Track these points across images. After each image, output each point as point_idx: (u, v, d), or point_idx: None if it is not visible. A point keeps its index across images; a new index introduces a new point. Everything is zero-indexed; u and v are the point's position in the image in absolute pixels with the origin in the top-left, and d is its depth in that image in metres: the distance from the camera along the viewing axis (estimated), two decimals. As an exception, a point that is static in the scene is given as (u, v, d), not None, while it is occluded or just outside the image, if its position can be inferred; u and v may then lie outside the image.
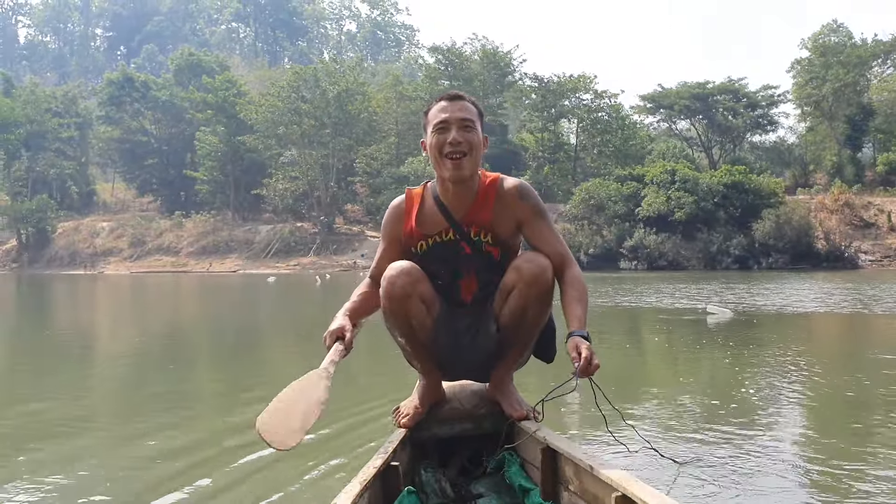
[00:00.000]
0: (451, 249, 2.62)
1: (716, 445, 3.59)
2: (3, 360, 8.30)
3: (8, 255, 59.73)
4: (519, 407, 2.64)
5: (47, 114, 62.77)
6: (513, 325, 2.59)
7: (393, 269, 2.53)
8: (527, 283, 2.52)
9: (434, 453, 2.71)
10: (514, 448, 2.57)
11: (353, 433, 3.89)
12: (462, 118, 2.54)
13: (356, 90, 52.91)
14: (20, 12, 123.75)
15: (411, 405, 2.69)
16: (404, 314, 2.54)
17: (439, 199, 2.64)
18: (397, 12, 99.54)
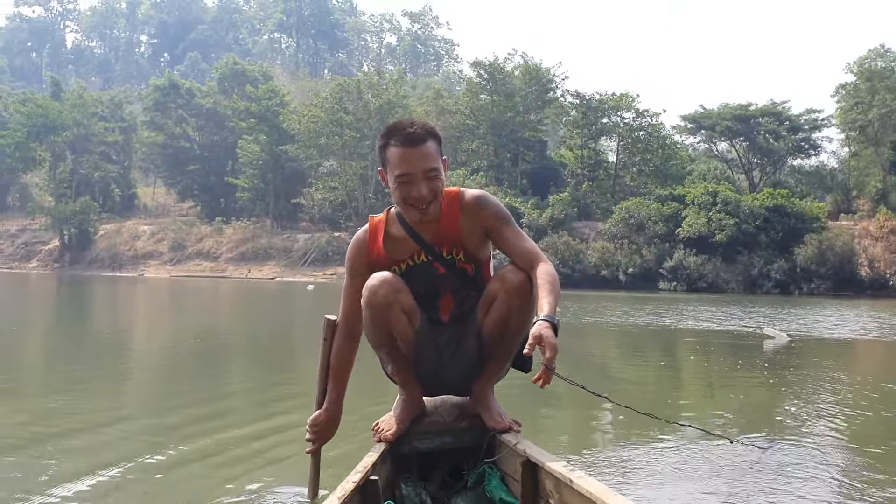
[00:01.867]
0: (425, 271, 2.62)
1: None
2: (42, 357, 8.60)
3: (50, 256, 60.80)
4: (500, 419, 2.63)
5: (94, 118, 63.99)
6: (496, 334, 2.60)
7: (374, 279, 2.53)
8: (509, 293, 2.54)
9: (414, 467, 2.69)
10: (495, 461, 2.57)
11: (330, 447, 3.86)
12: (426, 169, 2.47)
13: (397, 103, 53.33)
14: (68, 18, 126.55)
15: (391, 420, 2.67)
16: (386, 324, 2.55)
17: (406, 222, 2.62)
18: (438, 26, 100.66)
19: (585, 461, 3.68)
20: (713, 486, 3.32)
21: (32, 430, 4.17)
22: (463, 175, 48.48)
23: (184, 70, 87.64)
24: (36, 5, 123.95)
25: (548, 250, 42.59)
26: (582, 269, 42.06)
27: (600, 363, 9.33)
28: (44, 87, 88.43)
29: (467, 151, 55.70)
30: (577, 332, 13.50)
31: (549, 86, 54.51)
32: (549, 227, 45.12)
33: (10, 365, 7.47)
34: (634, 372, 8.40)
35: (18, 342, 10.10)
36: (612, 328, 14.40)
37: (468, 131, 55.32)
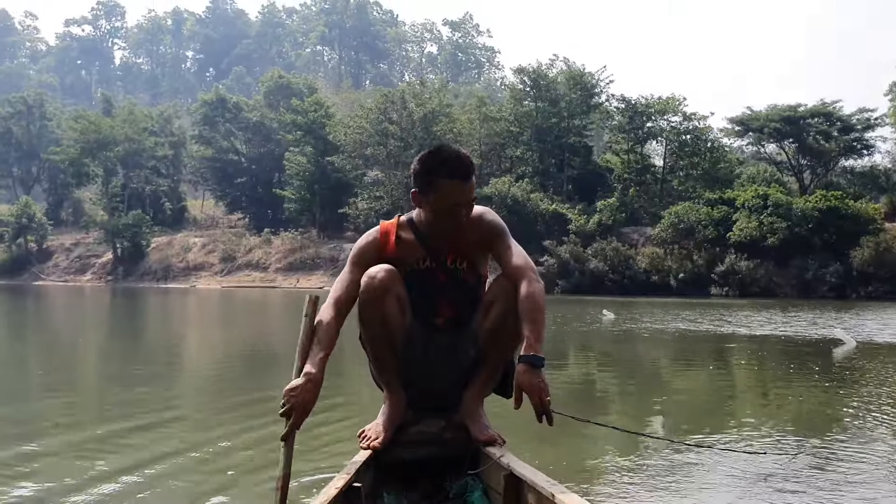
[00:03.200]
0: (426, 277, 2.72)
1: None
2: (101, 367, 8.94)
3: (104, 268, 62.14)
4: (486, 431, 2.65)
5: (144, 133, 65.40)
6: (492, 337, 2.67)
7: (374, 268, 2.64)
8: (507, 296, 2.60)
9: (398, 476, 2.69)
10: (478, 474, 2.56)
11: (316, 453, 3.96)
12: (472, 199, 2.68)
13: (441, 112, 53.55)
14: (116, 35, 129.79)
15: (378, 427, 2.69)
16: (380, 310, 2.62)
17: (417, 229, 2.75)
18: (478, 34, 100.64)
19: (569, 477, 3.66)
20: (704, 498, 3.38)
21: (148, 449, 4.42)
22: (508, 182, 48.42)
23: (229, 84, 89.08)
24: (85, 24, 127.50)
25: (596, 256, 42.39)
26: (632, 275, 41.72)
27: (651, 370, 9.29)
28: (94, 104, 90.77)
29: (511, 158, 55.66)
30: (628, 340, 13.42)
31: (593, 90, 54.24)
32: (597, 233, 44.85)
33: (83, 374, 7.74)
34: (685, 379, 8.36)
35: (86, 353, 10.44)
36: (663, 335, 14.27)
37: (512, 138, 55.27)
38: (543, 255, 43.90)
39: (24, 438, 4.39)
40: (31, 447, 4.21)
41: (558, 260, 42.71)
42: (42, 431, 4.73)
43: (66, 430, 4.79)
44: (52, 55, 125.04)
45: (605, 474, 3.79)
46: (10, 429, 4.77)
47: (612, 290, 39.63)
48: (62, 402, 6.03)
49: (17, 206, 63.92)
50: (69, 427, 4.91)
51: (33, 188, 75.76)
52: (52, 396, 6.32)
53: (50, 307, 27.47)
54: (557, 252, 42.93)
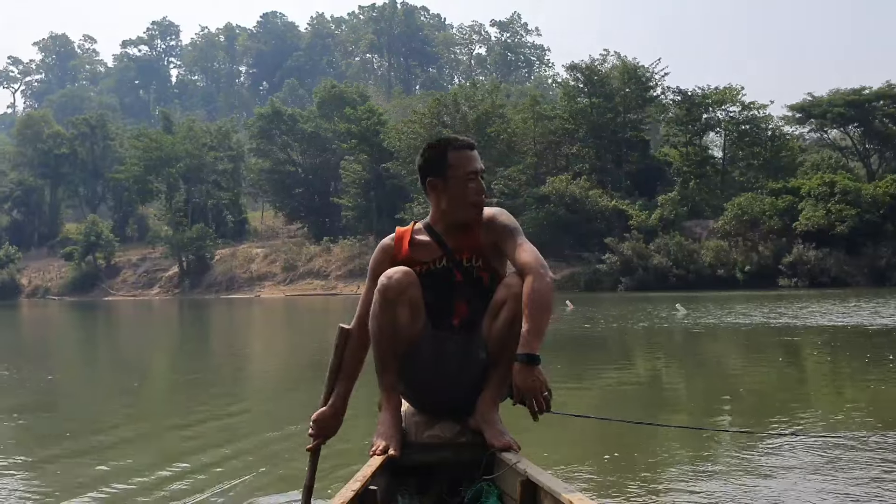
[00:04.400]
0: (442, 276, 2.71)
1: None
2: (175, 374, 9.46)
3: (170, 282, 63.67)
4: (502, 436, 2.61)
5: (204, 148, 66.86)
6: (501, 340, 2.61)
7: (391, 270, 2.64)
8: (515, 298, 2.56)
9: (412, 480, 2.67)
10: (493, 479, 2.53)
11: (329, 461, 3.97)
12: (482, 168, 2.73)
13: (494, 112, 53.49)
14: (171, 54, 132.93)
15: (386, 435, 2.65)
16: (393, 312, 2.60)
17: (432, 229, 2.76)
18: (527, 33, 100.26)
19: (585, 481, 3.73)
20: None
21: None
22: (566, 180, 48.08)
23: (282, 96, 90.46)
24: (141, 44, 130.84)
25: (659, 252, 41.81)
26: (696, 270, 41.06)
27: (719, 365, 9.17)
28: (153, 122, 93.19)
29: (567, 156, 55.31)
30: (695, 335, 13.24)
31: (648, 84, 53.56)
32: (659, 228, 44.24)
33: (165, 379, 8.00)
34: (755, 373, 8.23)
35: (167, 361, 10.76)
36: (731, 328, 14.06)
37: (567, 135, 54.91)
38: (605, 253, 43.47)
39: (122, 426, 5.81)
40: (130, 433, 5.60)
41: (621, 257, 42.25)
42: (130, 423, 6.07)
43: (156, 419, 6.27)
44: (111, 76, 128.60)
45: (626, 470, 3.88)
46: (112, 418, 6.14)
47: (676, 286, 39.03)
48: (152, 399, 7.53)
49: (85, 225, 65.95)
50: (158, 417, 6.40)
51: (99, 206, 78.19)
52: (135, 396, 7.70)
53: (123, 321, 28.53)
54: (619, 249, 42.47)
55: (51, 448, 5.02)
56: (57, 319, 31.70)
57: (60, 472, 4.35)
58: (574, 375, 8.42)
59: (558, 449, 4.30)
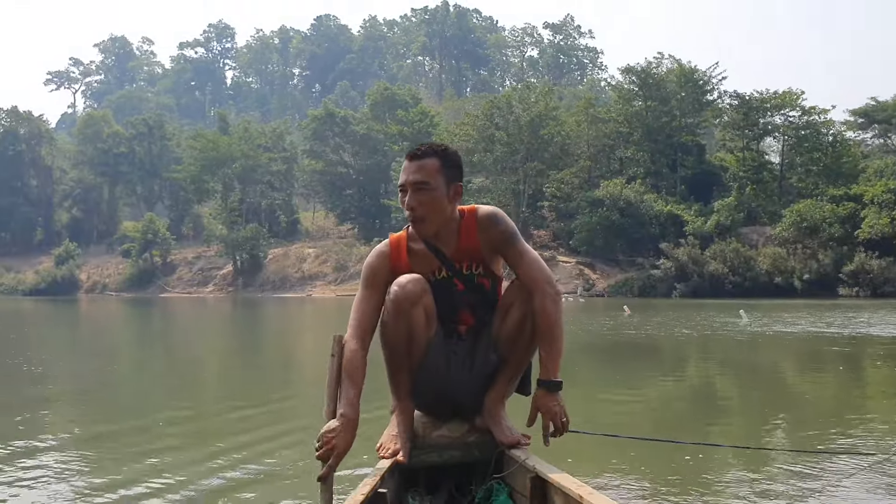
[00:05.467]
0: (443, 287, 2.65)
1: None
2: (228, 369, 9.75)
3: (225, 280, 64.75)
4: (510, 433, 2.61)
5: (259, 149, 67.84)
6: (510, 340, 2.61)
7: (405, 277, 2.56)
8: (524, 299, 2.56)
9: (422, 480, 2.66)
10: (503, 477, 2.52)
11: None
12: (416, 181, 2.57)
13: (547, 115, 53.27)
14: (227, 56, 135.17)
15: (395, 438, 2.61)
16: (408, 321, 2.54)
17: (427, 239, 2.66)
18: (580, 35, 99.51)
19: (597, 478, 3.75)
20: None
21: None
22: (620, 184, 47.67)
23: (335, 99, 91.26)
24: (198, 46, 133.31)
25: (715, 258, 41.17)
26: (753, 277, 40.33)
27: (774, 375, 9.01)
28: (208, 123, 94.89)
29: (621, 159, 54.86)
30: (751, 344, 13.00)
31: (705, 88, 52.84)
32: (715, 233, 43.58)
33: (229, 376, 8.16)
34: (812, 384, 8.06)
35: (220, 357, 10.98)
36: (788, 338, 13.77)
37: (621, 139, 54.50)
38: (660, 259, 42.98)
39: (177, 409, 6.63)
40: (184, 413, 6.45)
41: (675, 263, 41.72)
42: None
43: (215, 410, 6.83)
44: (168, 77, 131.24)
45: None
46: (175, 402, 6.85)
47: (732, 293, 38.41)
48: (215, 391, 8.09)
49: (143, 223, 67.44)
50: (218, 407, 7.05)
51: (156, 205, 79.84)
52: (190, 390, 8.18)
53: (180, 318, 29.18)
54: (674, 255, 41.94)
55: (106, 429, 5.77)
56: (116, 315, 32.50)
57: (116, 451, 4.90)
58: (626, 383, 8.38)
59: (605, 467, 4.26)
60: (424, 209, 2.58)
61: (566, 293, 44.73)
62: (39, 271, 68.66)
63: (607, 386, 8.26)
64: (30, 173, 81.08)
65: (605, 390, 7.83)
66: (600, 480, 3.93)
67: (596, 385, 8.33)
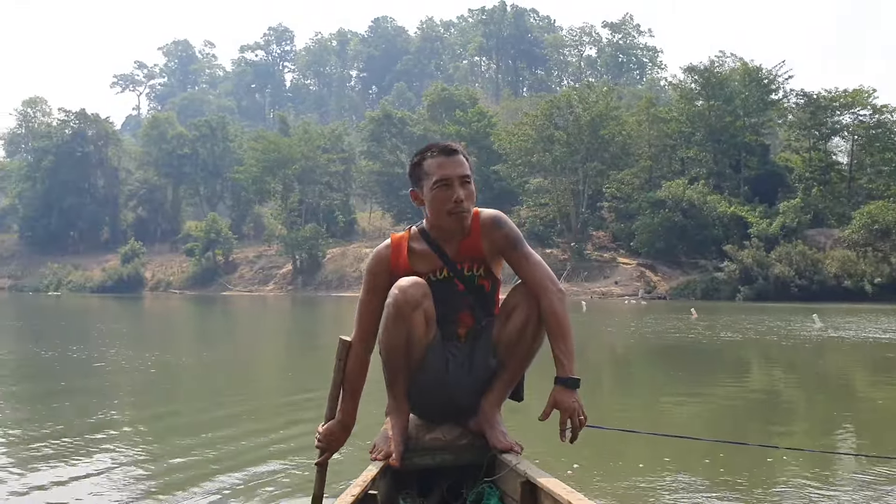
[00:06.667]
0: (444, 288, 2.65)
1: None
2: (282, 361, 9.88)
3: (284, 279, 65.70)
4: (503, 438, 2.61)
5: (318, 150, 68.62)
6: (511, 345, 2.62)
7: (405, 280, 2.56)
8: (529, 304, 2.57)
9: (413, 483, 2.67)
10: (494, 481, 2.53)
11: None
12: (463, 174, 2.61)
13: (608, 115, 52.70)
14: (286, 59, 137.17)
15: (389, 441, 2.62)
16: (407, 325, 2.55)
17: (430, 238, 2.68)
18: (639, 34, 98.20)
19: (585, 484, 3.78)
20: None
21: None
22: (682, 185, 46.89)
23: (391, 100, 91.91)
24: (258, 49, 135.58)
25: (781, 261, 40.22)
26: (820, 280, 39.27)
27: (844, 381, 8.76)
28: (268, 125, 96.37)
29: (682, 160, 53.99)
30: (819, 349, 12.65)
31: (770, 87, 51.63)
32: (781, 235, 42.55)
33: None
34: (884, 391, 7.77)
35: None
36: (858, 343, 13.34)
37: (683, 139, 53.64)
38: (723, 261, 42.17)
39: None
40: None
41: (739, 265, 40.89)
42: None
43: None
44: (229, 80, 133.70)
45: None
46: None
47: (798, 297, 37.45)
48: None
49: (206, 222, 68.77)
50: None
51: (218, 205, 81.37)
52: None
53: (241, 315, 29.97)
54: (738, 257, 41.10)
55: (168, 414, 6.61)
56: (180, 312, 33.44)
57: (177, 433, 5.67)
58: (689, 386, 8.30)
59: (653, 468, 4.25)
60: (469, 203, 2.62)
61: (626, 295, 44.27)
62: (106, 269, 70.52)
63: (670, 388, 8.23)
64: (97, 174, 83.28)
65: (667, 392, 7.84)
66: (652, 479, 3.96)
67: (659, 387, 8.37)
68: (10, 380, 9.15)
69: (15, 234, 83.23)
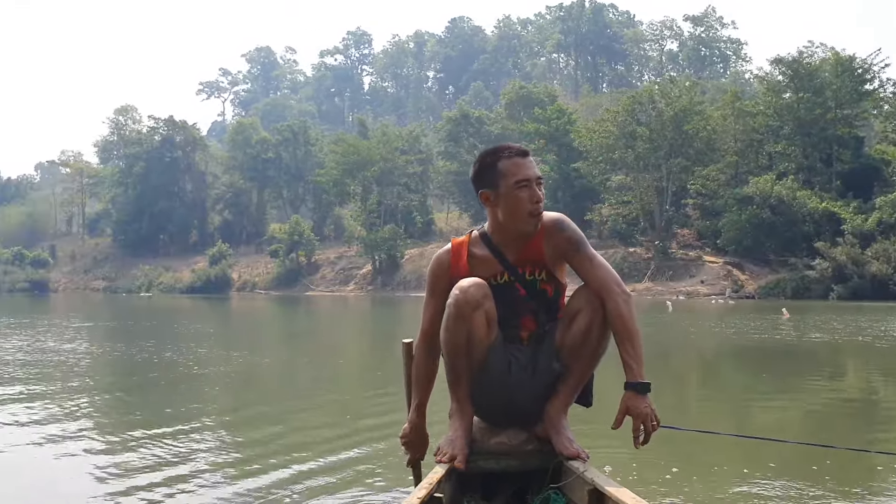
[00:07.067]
0: (505, 292, 2.65)
1: None
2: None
3: (364, 279, 66.52)
4: (570, 445, 2.59)
5: (396, 152, 69.26)
6: (575, 349, 2.60)
7: (466, 281, 2.58)
8: (593, 308, 2.55)
9: (477, 486, 2.67)
10: (560, 487, 2.51)
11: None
12: (538, 176, 2.66)
13: (692, 109, 51.38)
14: (364, 62, 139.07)
15: (454, 443, 2.63)
16: (467, 325, 2.55)
17: (492, 243, 2.71)
18: (722, 27, 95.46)
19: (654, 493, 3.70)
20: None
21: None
22: (770, 180, 45.31)
23: (468, 100, 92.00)
24: (337, 54, 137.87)
25: (878, 258, 38.45)
26: (923, 279, 37.28)
27: None
28: (347, 128, 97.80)
29: (770, 154, 52.21)
30: None
31: (864, 76, 49.38)
32: (878, 232, 40.60)
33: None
34: None
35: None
36: None
37: (771, 133, 51.83)
38: (814, 258, 40.57)
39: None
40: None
41: (832, 263, 39.21)
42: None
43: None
44: (310, 85, 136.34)
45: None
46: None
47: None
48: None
49: (289, 225, 70.35)
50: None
51: (300, 207, 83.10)
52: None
53: (324, 315, 30.85)
54: (831, 254, 39.43)
55: (257, 409, 6.94)
56: (266, 311, 34.41)
57: (265, 428, 5.93)
58: (779, 388, 8.05)
59: (736, 474, 4.12)
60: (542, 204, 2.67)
61: (713, 295, 43.07)
62: (195, 270, 72.86)
63: (759, 390, 8.04)
64: (185, 179, 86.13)
65: (757, 394, 7.67)
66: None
67: (747, 389, 8.17)
68: (108, 376, 9.77)
69: (109, 238, 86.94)
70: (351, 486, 4.06)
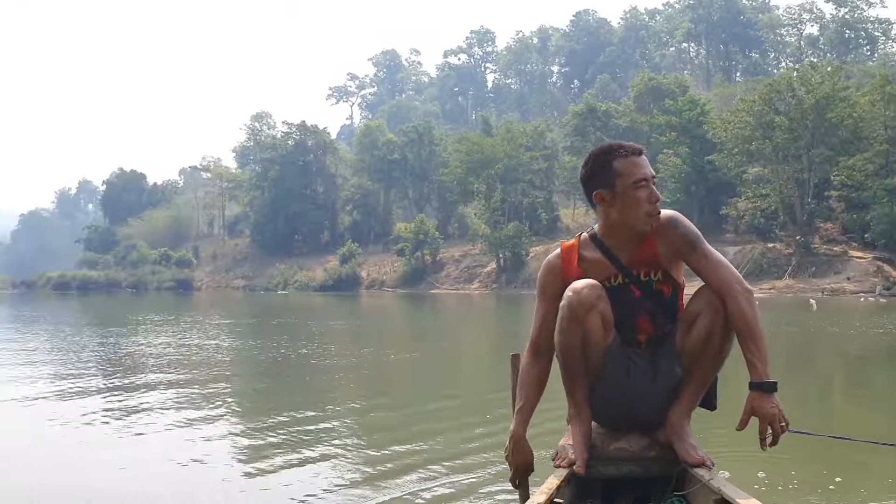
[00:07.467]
0: (620, 294, 2.58)
1: None
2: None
3: (489, 277, 66.59)
4: (694, 452, 2.52)
5: (520, 148, 68.89)
6: (696, 353, 2.52)
7: (579, 282, 2.53)
8: (715, 310, 2.46)
9: (597, 493, 2.61)
10: (685, 495, 2.44)
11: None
12: (653, 174, 2.61)
13: (835, 96, 48.25)
14: (488, 60, 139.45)
15: (572, 448, 2.57)
16: (581, 327, 2.50)
17: (603, 245, 2.63)
18: (869, 6, 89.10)
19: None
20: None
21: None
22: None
23: (594, 93, 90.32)
24: (460, 53, 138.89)
25: None
26: None
27: None
28: (470, 126, 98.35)
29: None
30: None
31: None
32: None
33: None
34: None
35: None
36: None
37: (927, 119, 47.98)
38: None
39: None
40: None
41: None
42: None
43: None
44: (434, 85, 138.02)
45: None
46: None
47: None
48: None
49: (415, 224, 71.51)
50: None
51: (425, 207, 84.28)
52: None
53: (450, 312, 31.63)
54: None
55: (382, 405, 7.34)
56: (394, 309, 35.37)
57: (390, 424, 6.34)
58: None
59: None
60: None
61: (862, 292, 40.44)
62: (327, 269, 75.33)
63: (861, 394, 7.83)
64: (317, 181, 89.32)
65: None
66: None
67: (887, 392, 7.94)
68: (246, 368, 10.71)
69: (247, 239, 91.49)
70: (468, 488, 4.15)
